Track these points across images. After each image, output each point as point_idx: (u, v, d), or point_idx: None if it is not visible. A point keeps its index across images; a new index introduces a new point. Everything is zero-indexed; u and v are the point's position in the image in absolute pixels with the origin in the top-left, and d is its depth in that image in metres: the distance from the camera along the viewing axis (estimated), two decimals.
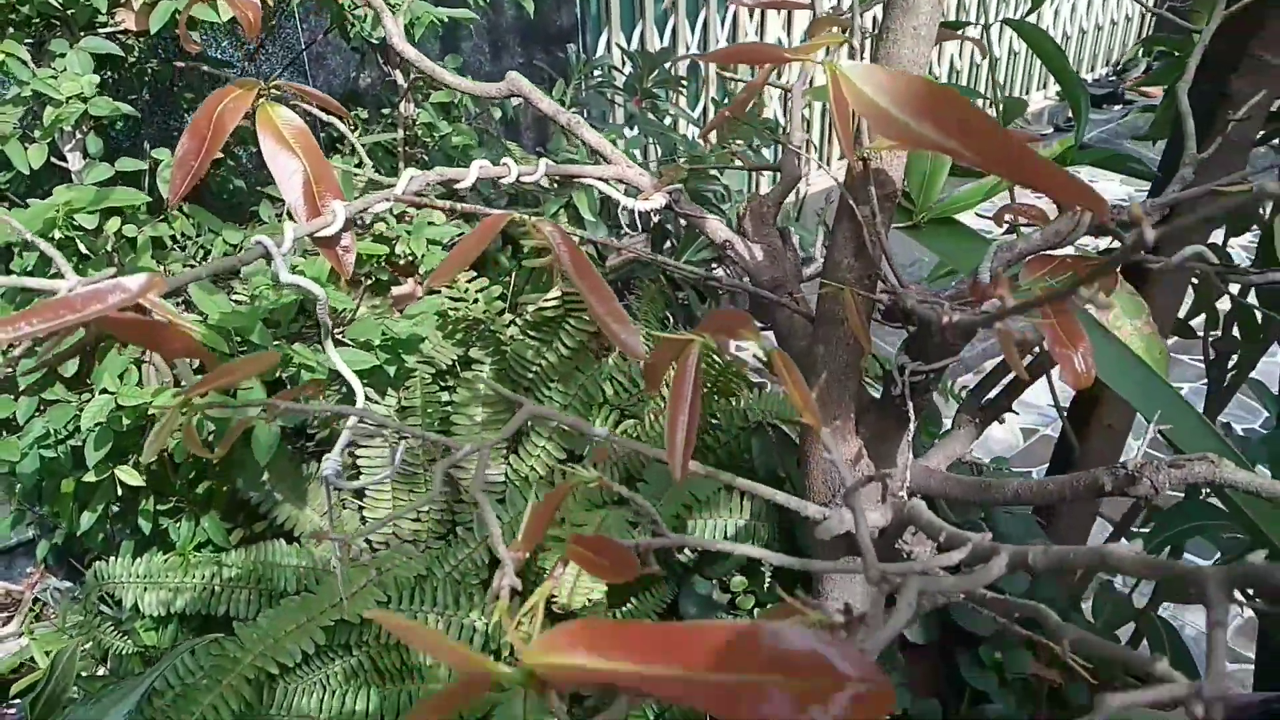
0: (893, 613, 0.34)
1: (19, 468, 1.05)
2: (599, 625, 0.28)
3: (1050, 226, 0.65)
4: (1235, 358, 1.50)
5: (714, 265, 1.64)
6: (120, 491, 1.16)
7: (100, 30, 1.15)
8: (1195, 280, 1.53)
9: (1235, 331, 1.49)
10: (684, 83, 2.25)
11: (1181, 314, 1.52)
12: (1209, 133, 1.09)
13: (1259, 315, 1.48)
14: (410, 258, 1.22)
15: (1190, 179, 0.77)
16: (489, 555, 1.16)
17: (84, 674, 1.25)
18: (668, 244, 1.63)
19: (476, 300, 1.26)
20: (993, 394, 0.81)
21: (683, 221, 1.69)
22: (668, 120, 1.91)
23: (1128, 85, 4.67)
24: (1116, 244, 0.91)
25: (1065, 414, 1.37)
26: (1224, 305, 1.53)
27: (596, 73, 2.05)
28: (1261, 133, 1.28)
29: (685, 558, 1.16)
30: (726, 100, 2.60)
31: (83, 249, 0.97)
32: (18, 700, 1.58)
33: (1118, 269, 0.68)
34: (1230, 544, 1.19)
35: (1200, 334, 1.54)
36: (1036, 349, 0.81)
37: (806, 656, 0.27)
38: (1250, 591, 1.22)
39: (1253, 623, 1.73)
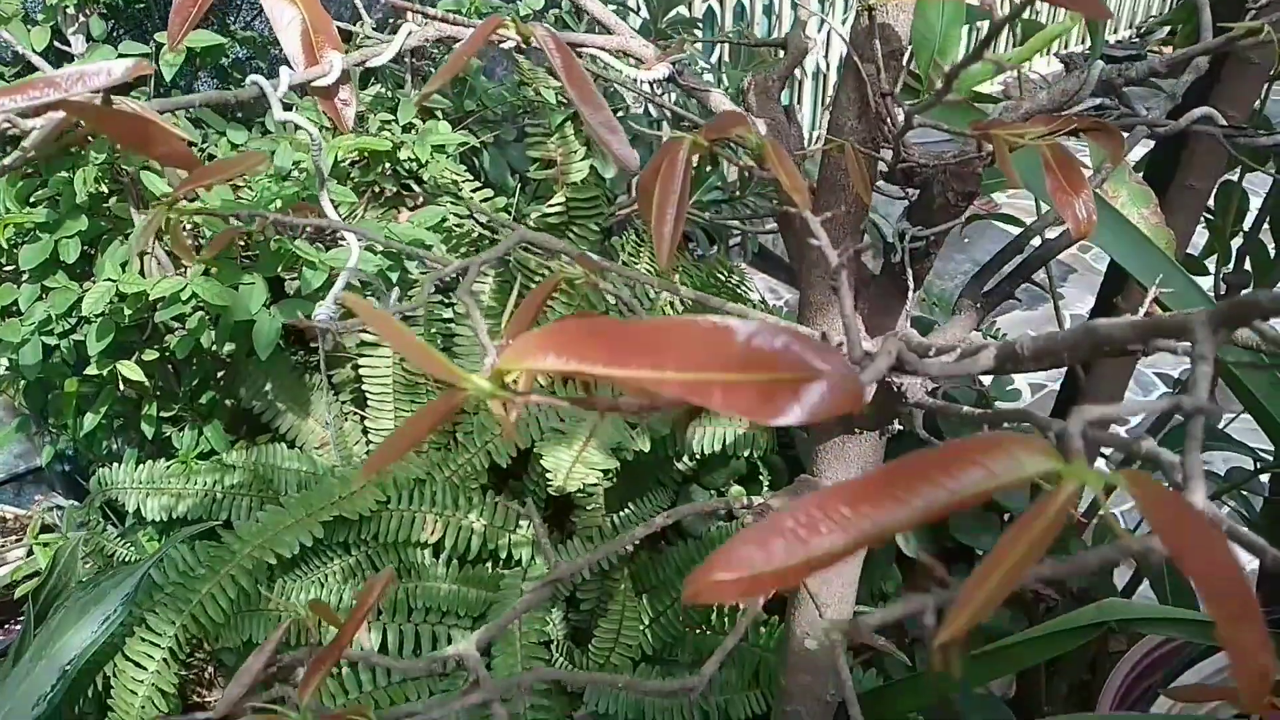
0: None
1: (21, 359, 1.05)
2: (569, 328, 0.27)
3: (1057, 86, 0.63)
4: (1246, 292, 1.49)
5: (722, 207, 1.63)
6: (122, 388, 1.17)
7: None
8: (1209, 215, 1.52)
9: (1247, 265, 1.47)
10: (699, 25, 2.23)
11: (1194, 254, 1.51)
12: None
13: (1271, 250, 1.47)
14: (415, 163, 1.22)
15: (1204, 67, 0.76)
16: (488, 460, 1.16)
17: (86, 580, 1.26)
18: None
19: (481, 209, 1.25)
20: (993, 282, 0.81)
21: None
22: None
23: (1150, 48, 4.60)
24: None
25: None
26: (1236, 242, 1.51)
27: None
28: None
29: (684, 467, 1.16)
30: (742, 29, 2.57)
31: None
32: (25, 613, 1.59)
33: (1123, 135, 0.66)
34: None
35: (1211, 271, 1.52)
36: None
37: (780, 352, 0.26)
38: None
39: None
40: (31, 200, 1.02)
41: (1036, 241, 0.78)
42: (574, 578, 1.11)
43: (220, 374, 1.43)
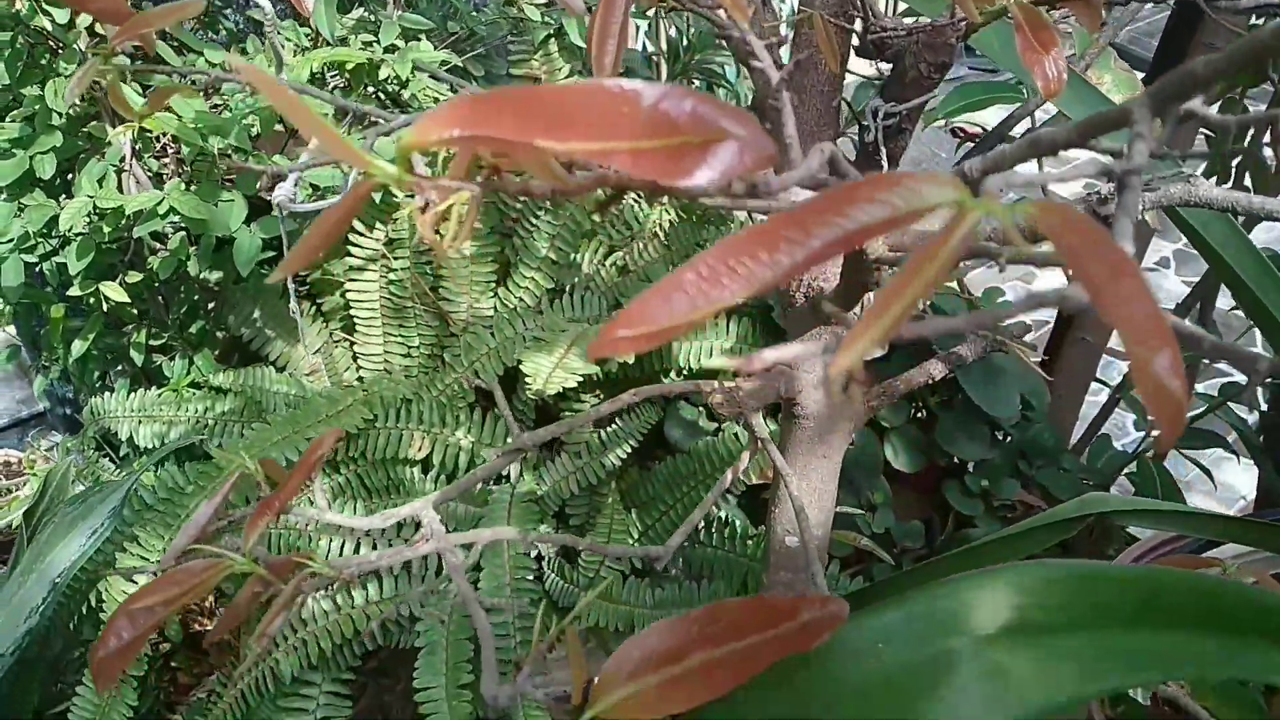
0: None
1: (3, 279, 1.05)
2: (476, 100, 0.27)
3: None
4: None
5: None
6: (107, 310, 1.16)
7: None
8: (1208, 132, 1.49)
9: (1247, 181, 1.45)
10: None
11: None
12: None
13: (1272, 164, 1.44)
14: (396, 83, 1.20)
15: None
16: (475, 379, 1.16)
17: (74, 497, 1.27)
18: None
19: None
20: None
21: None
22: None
23: None
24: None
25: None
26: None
27: None
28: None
29: (673, 381, 1.15)
30: None
31: (52, 44, 0.96)
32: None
33: (1102, 8, 0.65)
34: None
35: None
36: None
37: (688, 115, 0.25)
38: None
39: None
40: (4, 116, 1.01)
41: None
42: (563, 492, 1.11)
43: (210, 304, 1.43)
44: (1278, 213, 0.52)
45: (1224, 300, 1.86)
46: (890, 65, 0.64)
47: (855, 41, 0.64)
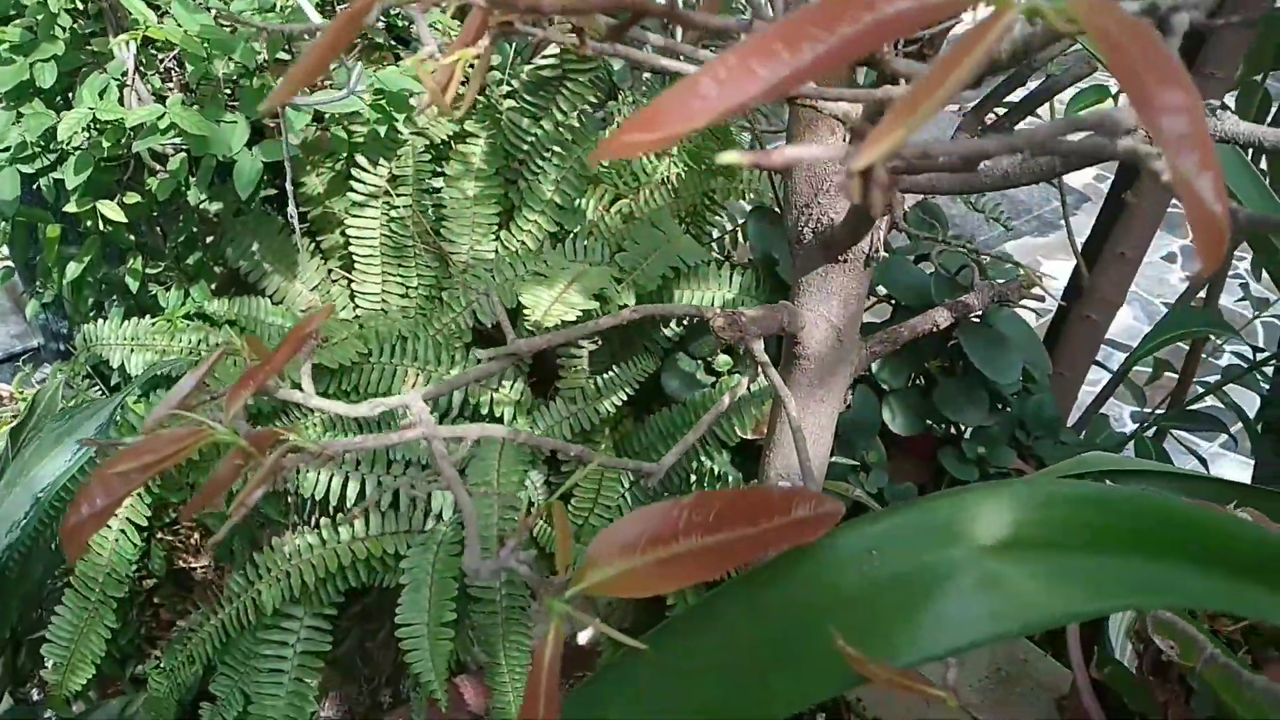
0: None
1: (0, 193, 1.03)
2: None
3: None
4: None
5: None
6: (104, 230, 1.15)
7: None
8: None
9: (1263, 164, 1.44)
10: None
11: None
12: None
13: None
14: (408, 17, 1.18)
15: None
16: (473, 319, 1.15)
17: (60, 412, 1.26)
18: None
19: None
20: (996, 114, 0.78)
21: None
22: None
23: None
24: None
25: (1079, 248, 1.34)
26: None
27: None
28: None
29: (671, 332, 1.14)
30: None
31: None
32: None
33: None
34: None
35: None
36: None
37: None
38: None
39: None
40: (7, 23, 0.99)
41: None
42: (556, 436, 1.10)
43: (209, 236, 1.41)
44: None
45: (1227, 297, 1.85)
46: None
47: None
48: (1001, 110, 0.79)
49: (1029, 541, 0.40)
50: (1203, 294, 1.56)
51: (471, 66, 0.39)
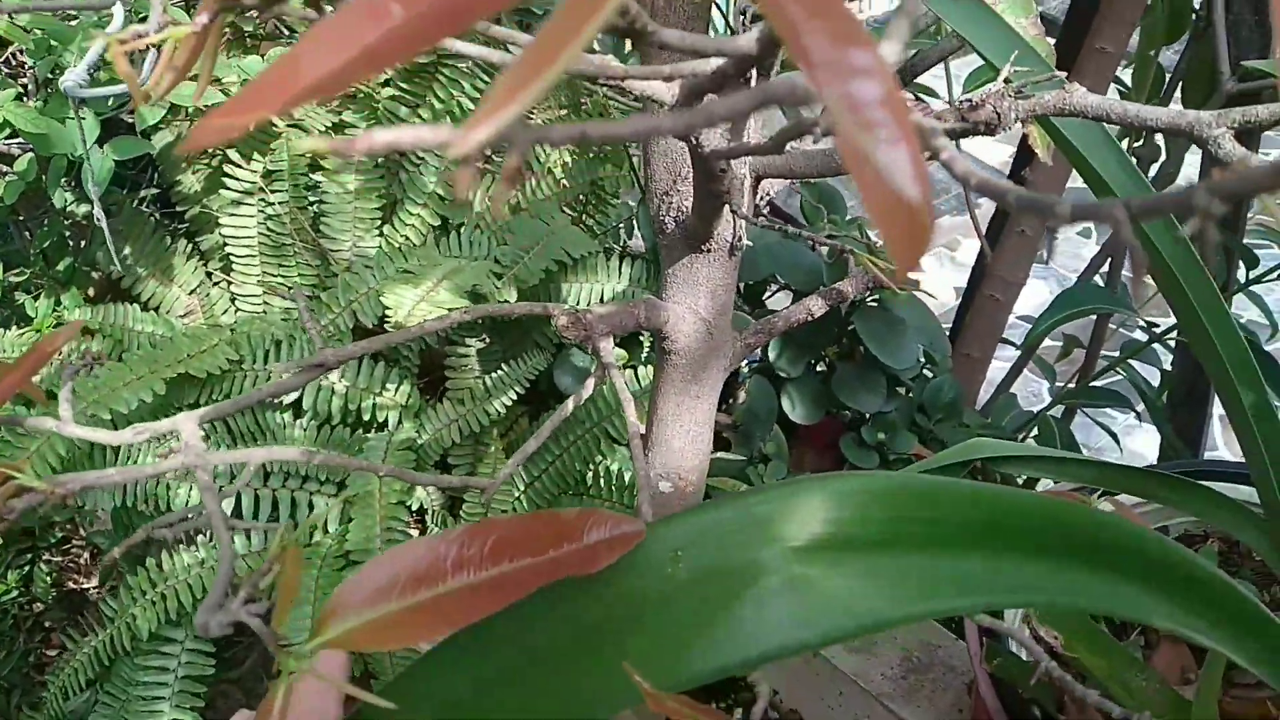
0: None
1: None
2: None
3: None
4: (1155, 168, 1.45)
5: None
6: None
7: None
8: (1122, 88, 1.47)
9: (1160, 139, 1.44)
10: None
11: None
12: None
13: None
14: None
15: None
16: (353, 320, 1.09)
17: None
18: None
19: None
20: None
21: None
22: None
23: None
24: None
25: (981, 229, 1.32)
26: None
27: None
28: None
29: (513, 304, 1.10)
30: None
31: None
32: None
33: None
34: None
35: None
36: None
37: None
38: None
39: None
40: None
41: None
42: (444, 440, 1.06)
43: (83, 242, 1.34)
44: (1153, 121, 0.49)
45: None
46: None
47: None
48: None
49: (848, 541, 0.37)
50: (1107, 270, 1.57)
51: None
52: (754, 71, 0.59)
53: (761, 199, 0.72)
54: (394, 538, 0.98)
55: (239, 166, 1.17)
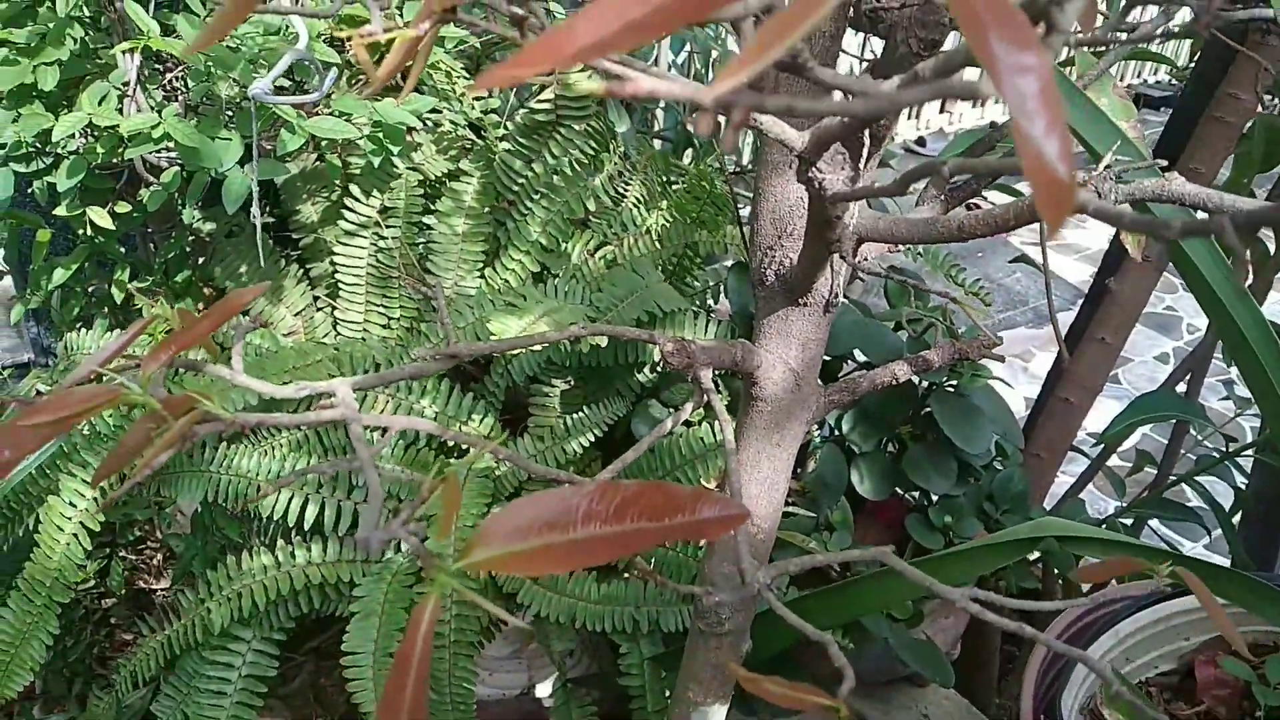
0: None
1: None
2: None
3: None
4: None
5: None
6: (93, 238, 1.16)
7: None
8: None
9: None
10: None
11: None
12: None
13: None
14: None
15: None
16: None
17: None
18: None
19: (473, 107, 1.24)
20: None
21: None
22: None
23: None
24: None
25: (1060, 330, 1.34)
26: None
27: None
28: None
29: (645, 378, 1.14)
30: None
31: None
32: None
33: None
34: None
35: None
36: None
37: None
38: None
39: None
40: (15, 24, 1.01)
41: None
42: (520, 475, 1.10)
43: (201, 258, 1.43)
44: (1246, 209, 0.52)
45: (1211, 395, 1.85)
46: (883, 41, 0.64)
47: (849, 13, 0.64)
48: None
49: None
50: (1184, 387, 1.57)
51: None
52: (866, 133, 0.64)
53: (860, 263, 0.76)
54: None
55: (359, 200, 1.25)
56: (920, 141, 4.26)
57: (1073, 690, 0.87)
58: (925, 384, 1.16)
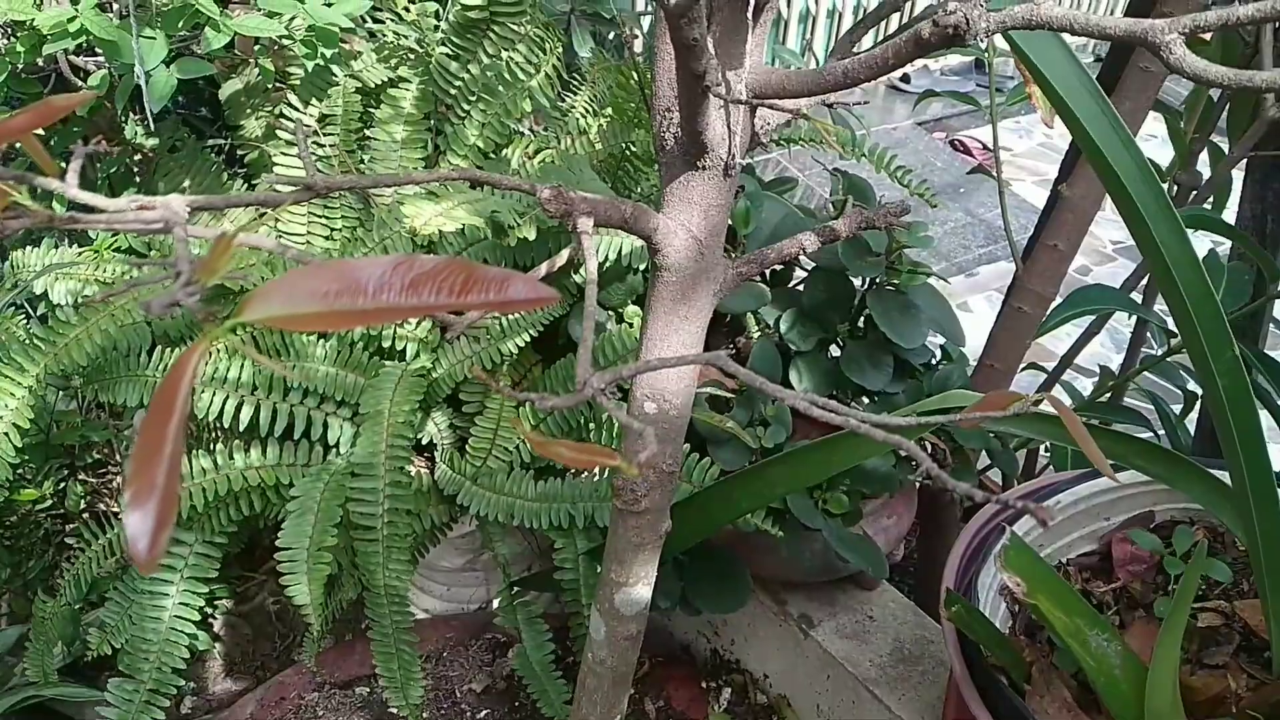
0: None
1: None
2: None
3: None
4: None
5: None
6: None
7: None
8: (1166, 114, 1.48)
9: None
10: None
11: None
12: None
13: (1225, 148, 1.43)
14: None
15: None
16: (384, 253, 1.15)
17: None
18: None
19: (408, 10, 1.23)
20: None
21: None
22: None
23: None
24: None
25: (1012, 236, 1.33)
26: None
27: None
28: None
29: (581, 279, 1.14)
30: None
31: None
32: None
33: None
34: None
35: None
36: None
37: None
38: None
39: None
40: None
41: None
42: (457, 375, 1.10)
43: (139, 174, 1.42)
44: (1111, 30, 0.51)
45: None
46: None
47: None
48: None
49: None
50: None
51: None
52: None
53: (761, 128, 0.76)
54: (397, 454, 1.02)
55: (295, 109, 1.24)
56: (905, 79, 4.22)
57: (989, 571, 0.88)
58: (865, 283, 1.15)
